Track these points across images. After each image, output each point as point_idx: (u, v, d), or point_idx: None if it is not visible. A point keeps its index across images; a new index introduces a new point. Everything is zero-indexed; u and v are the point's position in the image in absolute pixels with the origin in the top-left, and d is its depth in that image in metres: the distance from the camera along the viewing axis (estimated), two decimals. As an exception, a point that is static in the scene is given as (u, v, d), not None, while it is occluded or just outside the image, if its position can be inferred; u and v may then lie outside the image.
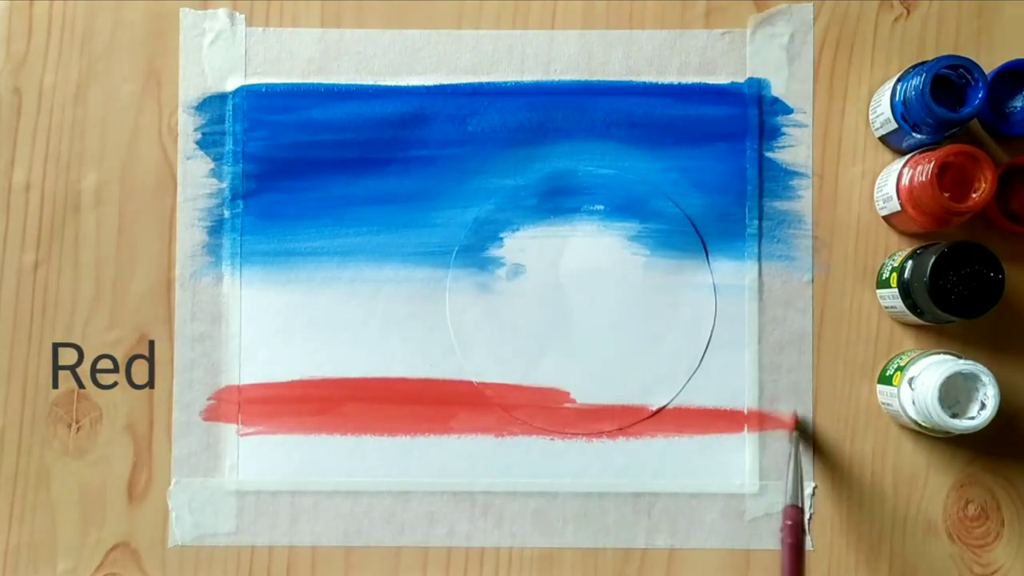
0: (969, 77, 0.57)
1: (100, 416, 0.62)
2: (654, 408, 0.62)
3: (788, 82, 0.62)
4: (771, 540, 0.61)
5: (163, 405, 0.62)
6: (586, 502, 0.62)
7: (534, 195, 0.62)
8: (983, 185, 0.57)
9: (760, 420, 0.62)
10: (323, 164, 0.62)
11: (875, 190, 0.62)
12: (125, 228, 0.63)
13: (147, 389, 0.62)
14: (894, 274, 0.59)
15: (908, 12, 0.63)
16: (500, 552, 0.62)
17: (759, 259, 0.62)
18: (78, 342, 0.62)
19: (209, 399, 0.62)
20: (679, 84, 0.63)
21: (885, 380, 0.60)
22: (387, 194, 0.62)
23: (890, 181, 0.60)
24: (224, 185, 0.63)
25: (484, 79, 0.63)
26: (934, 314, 0.57)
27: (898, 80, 0.59)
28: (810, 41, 0.63)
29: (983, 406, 0.56)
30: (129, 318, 0.62)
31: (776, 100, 0.62)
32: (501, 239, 0.62)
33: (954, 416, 0.56)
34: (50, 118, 0.63)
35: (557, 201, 0.62)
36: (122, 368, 0.62)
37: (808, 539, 0.61)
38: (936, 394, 0.55)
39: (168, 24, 0.63)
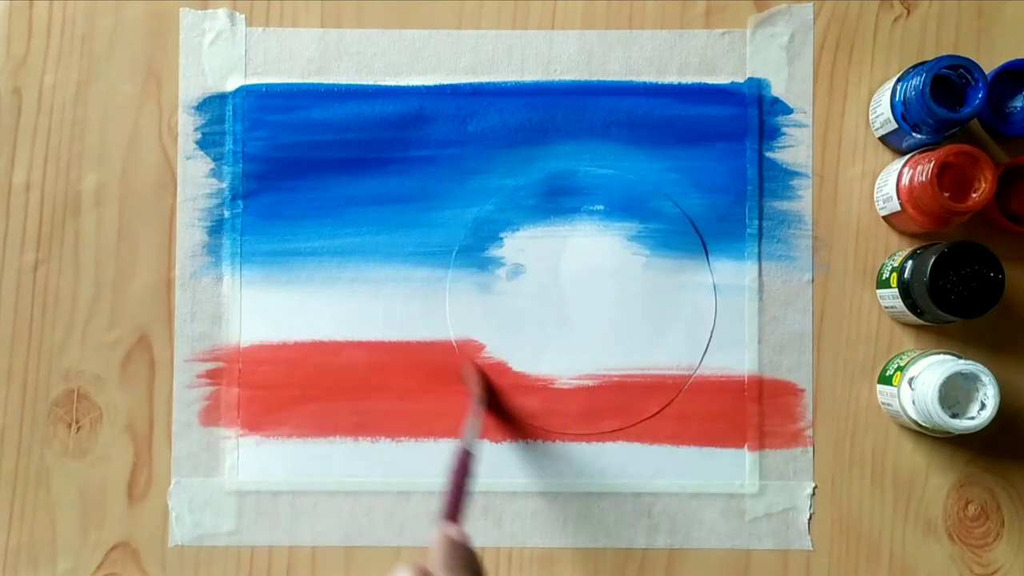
0: (969, 77, 0.57)
1: (100, 416, 0.62)
2: (654, 408, 0.62)
3: (788, 82, 0.62)
4: (771, 540, 0.61)
5: (163, 405, 0.62)
6: (586, 502, 0.62)
7: (534, 195, 0.62)
8: (983, 185, 0.57)
9: (760, 419, 0.62)
10: (323, 164, 0.62)
11: (875, 190, 0.62)
12: (125, 228, 0.63)
13: (147, 389, 0.62)
14: (894, 274, 0.59)
15: (908, 12, 0.63)
16: (500, 552, 0.62)
17: (759, 259, 0.62)
18: (78, 342, 0.62)
19: (209, 399, 0.62)
20: (679, 84, 0.63)
21: (885, 380, 0.60)
22: (387, 194, 0.62)
23: (890, 181, 0.60)
24: (224, 185, 0.63)
25: (484, 79, 0.63)
26: (934, 314, 0.57)
27: (898, 80, 0.59)
28: (810, 41, 0.63)
29: (983, 406, 0.56)
30: (129, 318, 0.62)
31: (776, 100, 0.62)
32: (501, 239, 0.62)
33: (954, 416, 0.56)
34: (50, 118, 0.63)
35: (557, 201, 0.62)
36: (122, 368, 0.62)
37: (808, 539, 0.61)
38: (936, 394, 0.55)
39: (168, 24, 0.63)
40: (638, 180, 0.62)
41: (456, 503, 0.52)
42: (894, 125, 0.59)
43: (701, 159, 0.62)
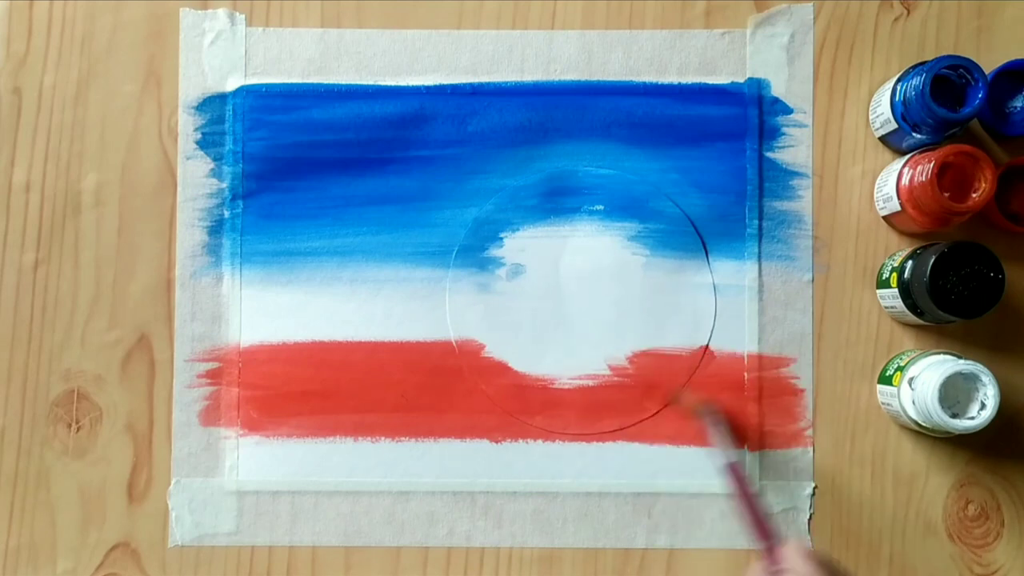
0: (969, 77, 0.57)
1: (100, 416, 0.62)
2: (654, 408, 0.62)
3: (788, 82, 0.62)
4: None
5: (163, 405, 0.62)
6: (586, 502, 0.62)
7: (534, 195, 0.62)
8: (983, 185, 0.57)
9: (760, 419, 0.62)
10: (323, 164, 0.62)
11: (875, 190, 0.62)
12: (125, 228, 0.63)
13: (147, 389, 0.62)
14: (894, 274, 0.59)
15: (908, 12, 0.63)
16: (500, 552, 0.62)
17: (759, 259, 0.62)
18: (78, 342, 0.62)
19: (209, 399, 0.62)
20: (679, 84, 0.63)
21: (885, 380, 0.60)
22: (387, 194, 0.62)
23: (890, 181, 0.60)
24: (224, 185, 0.63)
25: (484, 79, 0.63)
26: (934, 314, 0.57)
27: (898, 80, 0.59)
28: (810, 41, 0.63)
29: (983, 406, 0.56)
30: (129, 318, 0.62)
31: (776, 100, 0.62)
32: (501, 239, 0.62)
33: (954, 416, 0.56)
34: (50, 118, 0.63)
35: (557, 201, 0.62)
36: (122, 368, 0.62)
37: (808, 539, 0.61)
38: (936, 394, 0.55)
39: (168, 24, 0.63)
40: (638, 180, 0.62)
41: (764, 523, 0.53)
42: (894, 125, 0.59)
43: (701, 159, 0.62)
